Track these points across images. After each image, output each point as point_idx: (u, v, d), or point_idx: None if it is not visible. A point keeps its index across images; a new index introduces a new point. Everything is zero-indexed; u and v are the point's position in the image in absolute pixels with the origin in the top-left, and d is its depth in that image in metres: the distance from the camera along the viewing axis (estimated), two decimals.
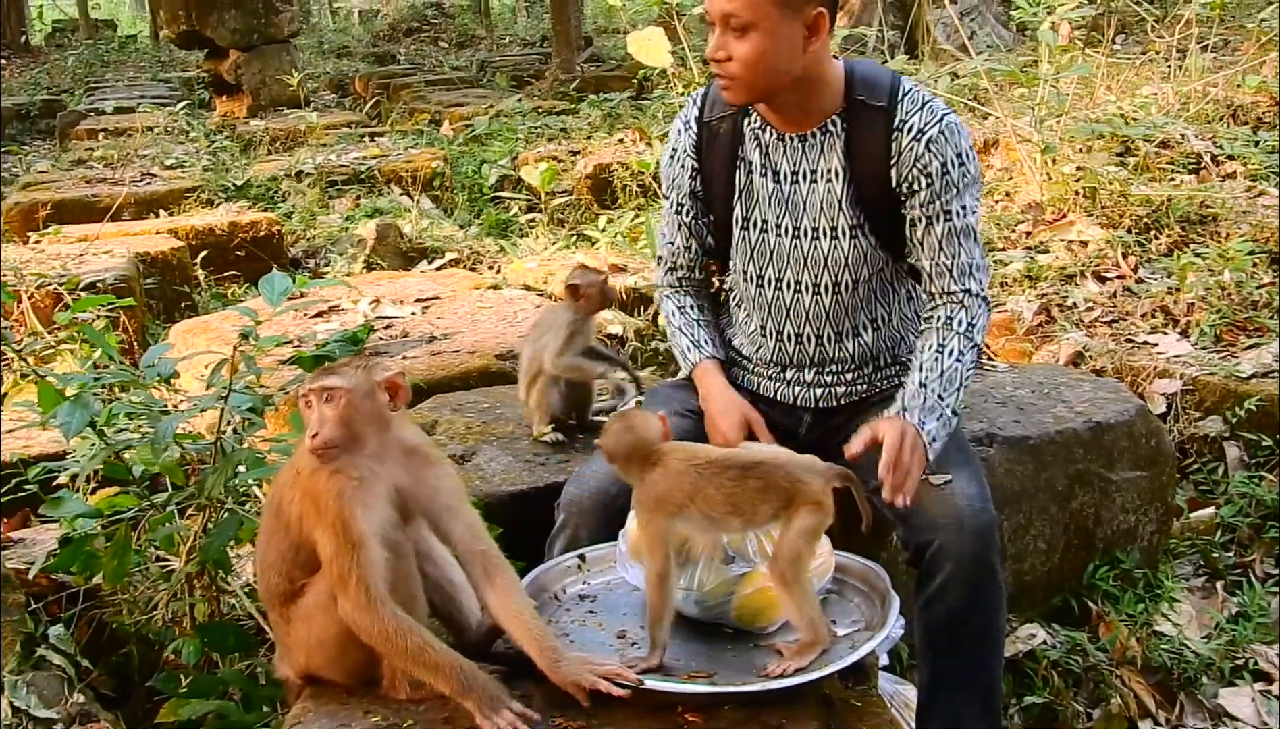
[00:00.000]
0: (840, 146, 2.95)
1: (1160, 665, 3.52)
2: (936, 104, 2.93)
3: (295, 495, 2.33)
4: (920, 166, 2.88)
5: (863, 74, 2.97)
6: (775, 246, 3.05)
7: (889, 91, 2.92)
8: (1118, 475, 3.73)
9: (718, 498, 2.42)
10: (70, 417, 2.89)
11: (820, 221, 2.99)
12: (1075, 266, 5.73)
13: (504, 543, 3.16)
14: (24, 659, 3.11)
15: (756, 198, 3.05)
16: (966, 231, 2.93)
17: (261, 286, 3.07)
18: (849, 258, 3.00)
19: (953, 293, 2.94)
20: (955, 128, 2.91)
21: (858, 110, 2.93)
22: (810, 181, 2.98)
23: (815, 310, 3.05)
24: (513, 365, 4.58)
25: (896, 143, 2.89)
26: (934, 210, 2.90)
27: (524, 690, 2.35)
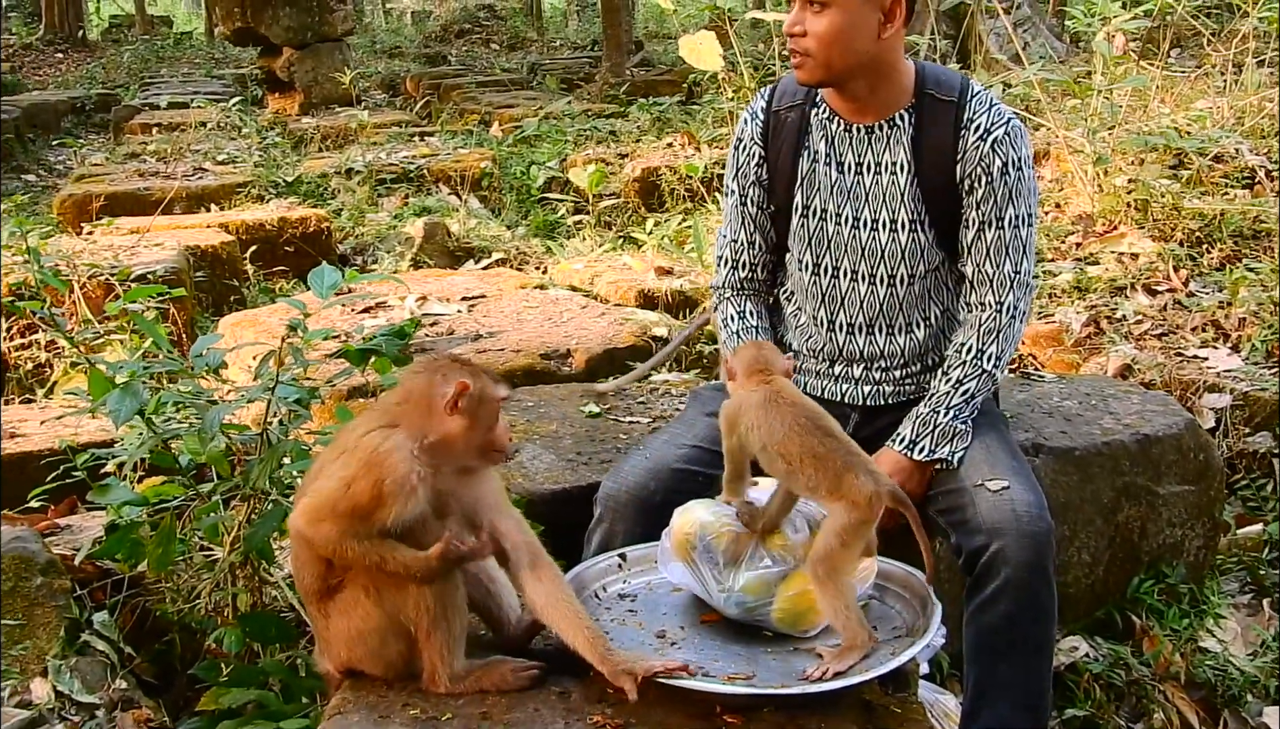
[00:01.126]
0: (907, 139, 2.96)
1: (1204, 682, 3.49)
2: (1004, 107, 2.95)
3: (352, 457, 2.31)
4: (983, 165, 2.90)
5: (934, 72, 3.01)
6: (834, 235, 3.05)
7: (960, 89, 2.95)
8: (1165, 489, 3.69)
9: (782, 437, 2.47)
10: (120, 404, 2.92)
11: (881, 213, 3.00)
12: (1125, 279, 5.68)
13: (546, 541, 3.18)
14: (68, 644, 3.14)
15: (818, 186, 3.05)
16: (1016, 243, 2.93)
17: (311, 279, 3.09)
18: (906, 251, 2.99)
19: (985, 304, 2.97)
20: (1019, 132, 2.94)
21: (927, 104, 2.95)
22: (874, 173, 2.99)
23: (869, 301, 3.05)
24: (557, 365, 4.60)
25: (963, 140, 2.92)
26: (989, 214, 2.92)
27: (562, 687, 2.35)
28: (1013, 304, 2.95)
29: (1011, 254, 2.93)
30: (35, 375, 5.54)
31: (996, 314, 2.95)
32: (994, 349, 2.96)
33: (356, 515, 2.23)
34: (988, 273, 2.95)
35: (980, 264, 2.95)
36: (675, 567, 2.60)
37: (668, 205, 8.14)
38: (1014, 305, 2.96)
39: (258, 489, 3.09)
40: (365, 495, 2.23)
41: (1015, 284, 2.95)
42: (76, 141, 12.56)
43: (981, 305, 2.97)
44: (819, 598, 2.41)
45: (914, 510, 2.46)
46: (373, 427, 2.31)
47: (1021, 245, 2.94)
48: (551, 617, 2.34)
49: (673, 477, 2.91)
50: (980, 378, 2.95)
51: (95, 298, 5.55)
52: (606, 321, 5.09)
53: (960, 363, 2.96)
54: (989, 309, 2.96)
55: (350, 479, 2.25)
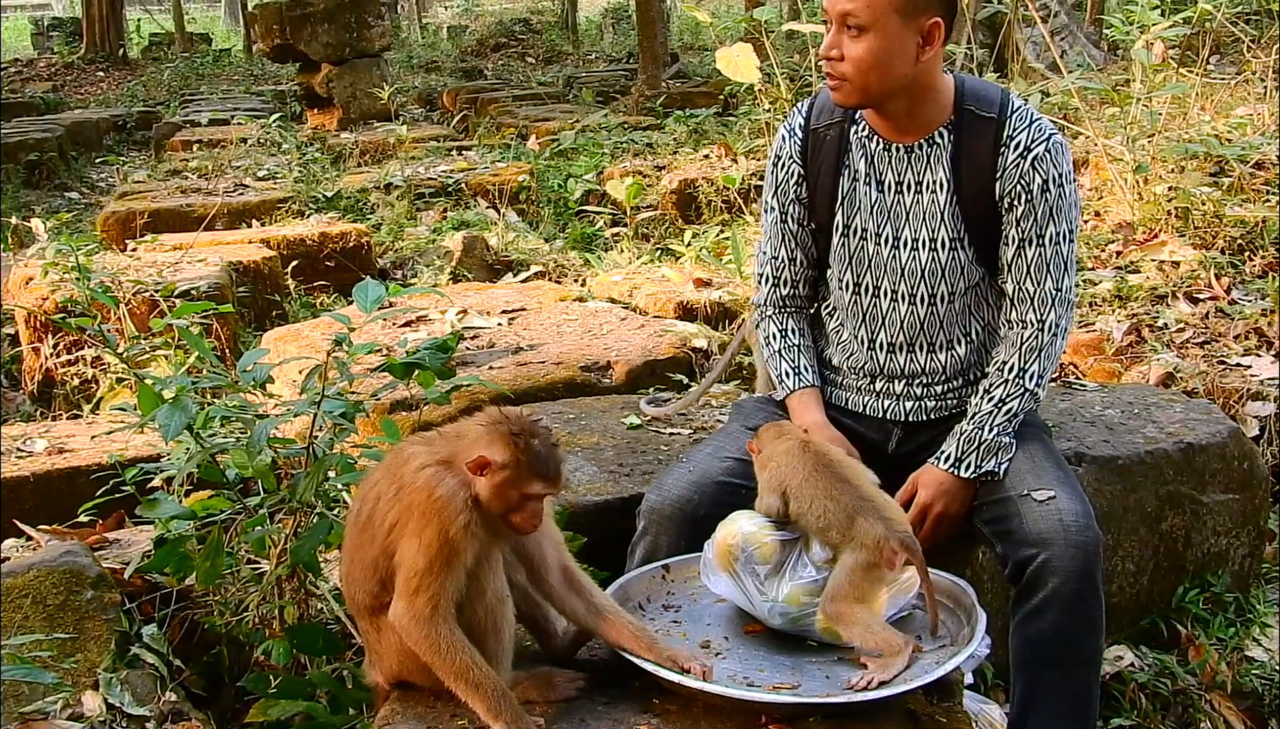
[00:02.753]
0: (947, 157, 2.95)
1: (1251, 691, 3.47)
2: (1044, 123, 2.93)
3: (392, 505, 2.34)
4: (1024, 182, 2.88)
5: (973, 86, 2.98)
6: (874, 254, 3.05)
7: (999, 105, 2.93)
8: (1209, 498, 3.68)
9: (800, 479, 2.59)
10: (169, 419, 2.95)
11: (921, 232, 2.99)
12: (1167, 287, 5.65)
13: (588, 552, 3.21)
14: (118, 657, 3.17)
15: (858, 206, 3.05)
16: (1057, 260, 2.92)
17: (356, 294, 3.12)
18: (946, 269, 2.99)
19: (1026, 322, 2.95)
20: (1060, 148, 2.91)
21: (967, 121, 2.94)
22: (915, 192, 2.99)
23: (910, 320, 3.05)
24: (598, 377, 4.62)
25: (1003, 157, 2.90)
26: (1029, 232, 2.90)
27: (608, 697, 2.37)
28: (1054, 322, 2.94)
29: (1053, 271, 2.92)
30: (81, 391, 5.61)
31: (1038, 332, 2.94)
32: (1036, 367, 2.94)
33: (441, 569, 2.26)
34: (1028, 290, 2.94)
35: (1020, 282, 2.94)
36: (718, 578, 2.62)
37: (705, 217, 8.15)
38: (1055, 323, 2.94)
39: (304, 502, 3.12)
40: (434, 546, 2.26)
41: (1056, 302, 2.93)
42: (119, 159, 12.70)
43: (1023, 323, 2.96)
44: (842, 633, 2.45)
45: (922, 560, 2.49)
46: (428, 462, 2.32)
47: (1063, 262, 2.92)
48: (594, 621, 2.37)
49: (716, 489, 2.93)
50: (1022, 396, 2.95)
51: (140, 314, 5.62)
52: (646, 333, 5.11)
53: (1003, 381, 2.96)
54: (1030, 327, 2.95)
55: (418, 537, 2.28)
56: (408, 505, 2.29)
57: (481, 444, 2.27)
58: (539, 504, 2.30)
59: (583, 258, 7.86)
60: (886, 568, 2.47)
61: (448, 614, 2.26)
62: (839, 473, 2.59)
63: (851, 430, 3.04)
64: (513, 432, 2.26)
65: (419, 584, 2.25)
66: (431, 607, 2.25)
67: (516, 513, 2.29)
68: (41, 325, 5.70)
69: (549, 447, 2.29)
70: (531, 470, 2.25)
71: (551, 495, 2.33)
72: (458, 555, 2.25)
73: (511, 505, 2.28)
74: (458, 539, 2.25)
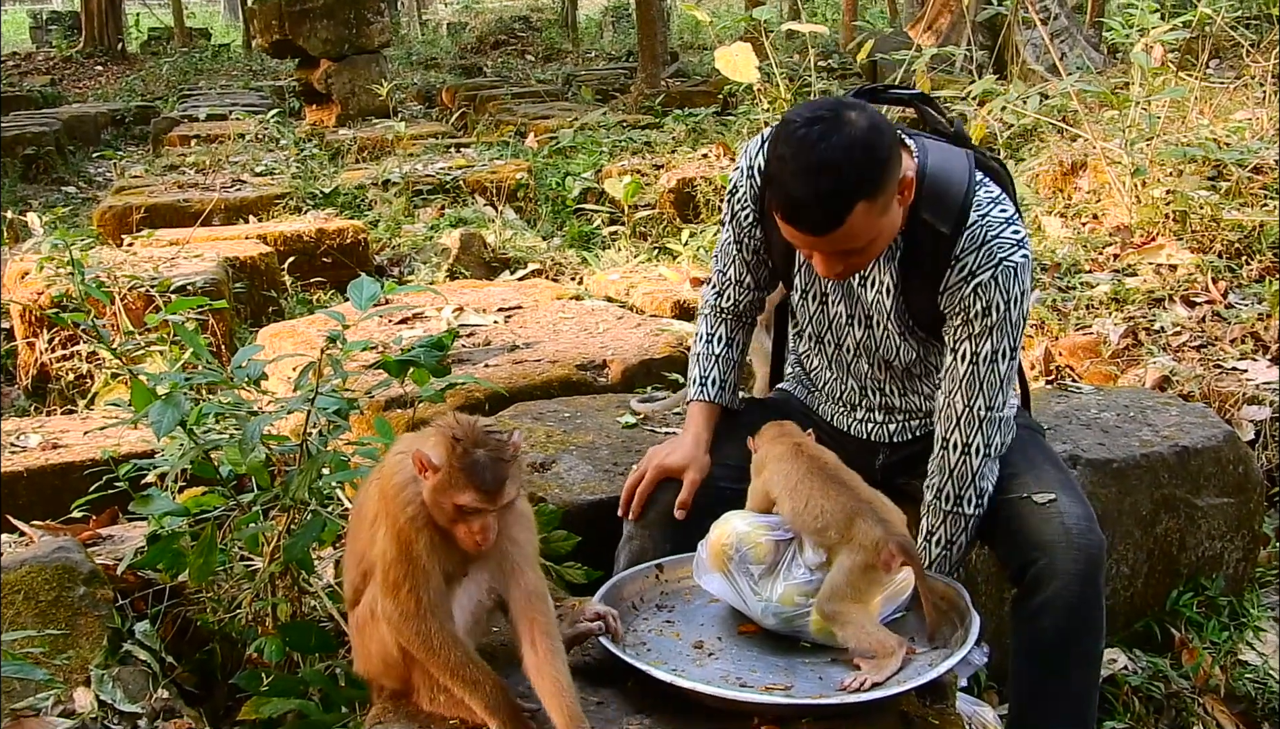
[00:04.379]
0: (896, 261, 2.85)
1: (1244, 694, 3.47)
2: (1001, 241, 2.75)
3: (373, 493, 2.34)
4: (963, 304, 2.77)
5: (933, 181, 2.78)
6: (835, 319, 3.01)
7: (957, 216, 2.75)
8: (1204, 501, 3.68)
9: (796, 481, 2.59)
10: (162, 415, 2.94)
11: (874, 314, 2.93)
12: (1163, 290, 5.65)
13: (582, 551, 3.21)
14: (110, 654, 3.16)
15: (814, 274, 2.96)
16: (992, 378, 2.80)
17: (350, 291, 3.11)
18: (900, 349, 2.95)
19: (952, 444, 2.85)
20: (1012, 272, 2.75)
21: (920, 232, 2.79)
22: (866, 285, 2.91)
23: (875, 374, 3.04)
24: (594, 375, 4.61)
25: (948, 276, 2.78)
26: (963, 347, 2.80)
27: (600, 697, 2.36)
28: (981, 445, 2.83)
29: (985, 390, 2.80)
30: (76, 386, 5.60)
31: (965, 456, 2.84)
32: (970, 492, 2.85)
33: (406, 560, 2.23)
34: (956, 408, 2.83)
35: (950, 395, 2.84)
36: (712, 578, 2.61)
37: (703, 216, 8.15)
38: (983, 446, 2.84)
39: (297, 500, 3.11)
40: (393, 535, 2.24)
41: (985, 423, 2.82)
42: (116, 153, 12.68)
43: (949, 446, 2.85)
44: (837, 633, 2.45)
45: (919, 563, 2.49)
46: (403, 450, 2.30)
47: (998, 380, 2.81)
48: (540, 689, 2.22)
49: (703, 493, 2.92)
50: (962, 525, 2.85)
51: (135, 309, 5.60)
52: (642, 332, 5.10)
53: (940, 512, 2.86)
54: (958, 450, 2.84)
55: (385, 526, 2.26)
56: (384, 499, 2.29)
57: (429, 443, 2.22)
58: (479, 520, 2.18)
59: (580, 256, 7.87)
60: (884, 570, 2.46)
61: (436, 609, 2.23)
62: (836, 475, 2.59)
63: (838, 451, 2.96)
64: (454, 436, 2.18)
65: (395, 577, 2.22)
66: (415, 600, 2.21)
67: (457, 525, 2.20)
68: (36, 320, 5.69)
69: (492, 460, 2.17)
70: (463, 479, 2.16)
71: (483, 510, 2.18)
72: (410, 547, 2.22)
73: (447, 515, 2.19)
74: (406, 531, 2.22)
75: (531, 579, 2.32)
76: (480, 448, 2.17)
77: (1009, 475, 2.87)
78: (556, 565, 3.17)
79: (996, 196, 2.81)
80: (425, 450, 2.19)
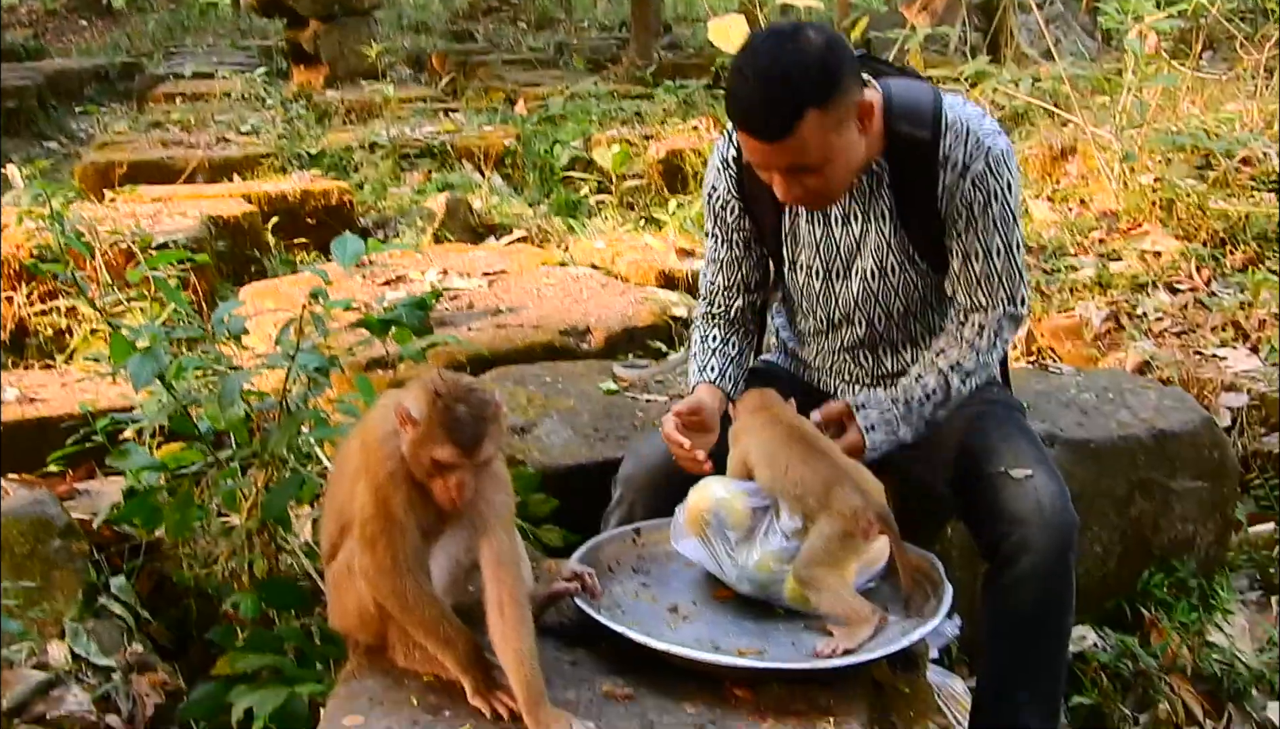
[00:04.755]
0: (887, 184, 2.87)
1: (1210, 675, 3.50)
2: (983, 130, 2.81)
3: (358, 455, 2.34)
4: (965, 202, 2.80)
5: (901, 100, 2.83)
6: (823, 289, 3.02)
7: (931, 119, 2.80)
8: (1179, 485, 3.70)
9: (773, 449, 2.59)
10: (140, 368, 2.94)
11: (869, 262, 2.94)
12: (1147, 276, 5.67)
13: (560, 515, 3.22)
14: (85, 608, 3.17)
15: (802, 243, 3.00)
16: (1009, 270, 2.86)
17: (334, 248, 3.10)
18: (898, 289, 2.96)
19: (969, 322, 2.91)
20: (1001, 157, 2.80)
21: (901, 145, 2.82)
22: (862, 223, 2.92)
23: (869, 337, 3.05)
24: (576, 342, 4.62)
25: (942, 178, 2.81)
26: (972, 246, 2.84)
27: (574, 657, 2.38)
28: (994, 333, 2.89)
29: (1005, 282, 2.86)
30: (55, 341, 5.57)
31: (977, 337, 2.89)
32: (971, 362, 2.89)
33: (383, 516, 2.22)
34: (978, 300, 2.88)
35: (969, 292, 2.89)
36: (688, 542, 2.62)
37: (690, 188, 8.13)
38: (996, 334, 2.90)
39: (276, 456, 3.12)
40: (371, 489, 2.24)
41: (1006, 316, 2.89)
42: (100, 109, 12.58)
43: (965, 323, 2.91)
44: (812, 599, 2.46)
45: (897, 533, 2.50)
46: (386, 404, 2.30)
47: (1014, 272, 2.87)
48: (503, 657, 2.20)
49: None
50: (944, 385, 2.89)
51: (116, 265, 5.57)
52: (626, 300, 5.10)
53: (934, 364, 2.90)
54: (973, 327, 2.90)
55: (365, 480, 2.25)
56: (364, 452, 2.28)
57: (411, 396, 2.21)
58: (455, 476, 2.17)
59: (566, 224, 7.84)
60: (861, 539, 2.47)
61: (412, 565, 2.22)
62: (814, 443, 2.60)
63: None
64: (436, 390, 2.17)
65: (372, 532, 2.22)
66: (391, 556, 2.21)
67: (434, 480, 2.19)
68: (15, 273, 5.65)
69: (473, 417, 2.16)
70: (442, 433, 2.15)
71: (459, 466, 2.17)
72: (388, 502, 2.21)
73: (425, 469, 2.18)
74: (385, 486, 2.21)
75: (503, 542, 2.29)
76: (462, 404, 2.16)
77: (987, 450, 2.88)
78: (534, 528, 3.17)
79: (964, 101, 2.88)
80: (407, 403, 2.19)
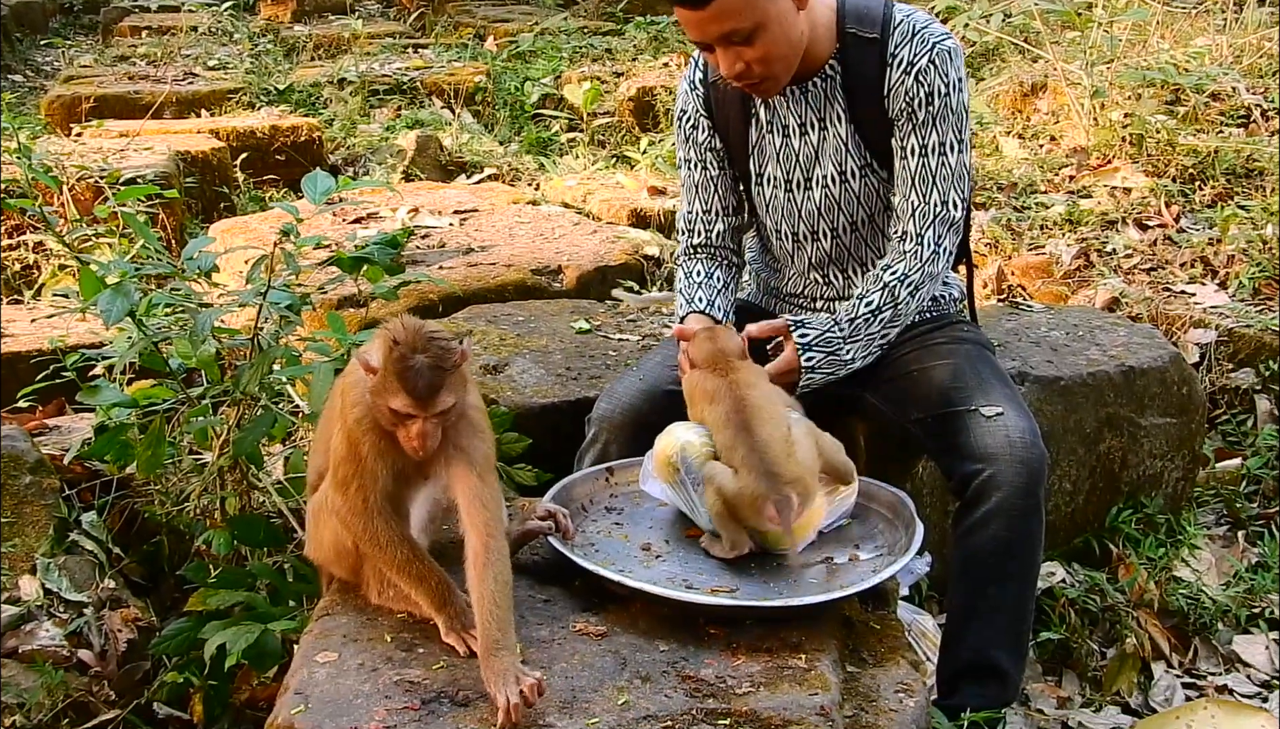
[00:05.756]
0: (839, 87, 2.93)
1: (1177, 610, 3.54)
2: (931, 30, 2.88)
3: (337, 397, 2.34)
4: (907, 97, 2.86)
5: (853, 3, 2.92)
6: (786, 201, 3.05)
7: (881, 21, 2.88)
8: (1147, 421, 3.73)
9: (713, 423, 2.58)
10: (110, 304, 2.91)
11: (829, 169, 2.98)
12: (1117, 213, 5.69)
13: (533, 455, 3.22)
14: (56, 543, 3.16)
15: (767, 154, 3.04)
16: (944, 171, 2.88)
17: (304, 184, 3.08)
18: (861, 196, 3.00)
19: (906, 234, 2.92)
20: (948, 55, 2.86)
21: (851, 46, 2.90)
22: (820, 130, 2.97)
23: (835, 250, 3.09)
24: (548, 281, 4.61)
25: (888, 76, 2.87)
26: (911, 144, 2.88)
27: (548, 595, 2.39)
28: (932, 240, 2.90)
29: (938, 183, 2.88)
30: (23, 277, 5.52)
31: (918, 246, 2.90)
32: (917, 276, 2.90)
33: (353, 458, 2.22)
34: (912, 203, 2.90)
35: (906, 194, 2.92)
36: (657, 484, 2.62)
37: (662, 125, 8.09)
38: (933, 242, 2.90)
39: (248, 394, 3.10)
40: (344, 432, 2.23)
41: (938, 219, 2.90)
42: (65, 42, 12.40)
43: (903, 236, 2.93)
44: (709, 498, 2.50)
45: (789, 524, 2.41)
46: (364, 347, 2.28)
47: (950, 173, 2.88)
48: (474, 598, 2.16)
49: (666, 398, 2.91)
50: (891, 301, 2.89)
51: (84, 200, 5.52)
52: (598, 239, 5.09)
53: (880, 281, 2.91)
54: (910, 239, 2.91)
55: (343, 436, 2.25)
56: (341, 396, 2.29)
57: (371, 344, 2.19)
58: (414, 425, 2.13)
59: (537, 162, 7.80)
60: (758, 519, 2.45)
61: (383, 508, 2.22)
62: (747, 422, 2.52)
63: None
64: (394, 339, 2.14)
65: (345, 474, 2.22)
66: (362, 498, 2.21)
67: (396, 429, 2.16)
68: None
69: (430, 367, 2.11)
70: (396, 384, 2.11)
71: (415, 416, 2.13)
72: (357, 447, 2.21)
73: (386, 418, 2.16)
74: (354, 432, 2.21)
75: (479, 488, 2.24)
76: (421, 354, 2.12)
77: (957, 388, 2.90)
78: (508, 467, 3.18)
79: (914, 8, 2.94)
80: (367, 351, 2.17)
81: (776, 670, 2.15)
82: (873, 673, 2.26)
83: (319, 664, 2.15)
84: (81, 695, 2.86)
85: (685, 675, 2.13)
